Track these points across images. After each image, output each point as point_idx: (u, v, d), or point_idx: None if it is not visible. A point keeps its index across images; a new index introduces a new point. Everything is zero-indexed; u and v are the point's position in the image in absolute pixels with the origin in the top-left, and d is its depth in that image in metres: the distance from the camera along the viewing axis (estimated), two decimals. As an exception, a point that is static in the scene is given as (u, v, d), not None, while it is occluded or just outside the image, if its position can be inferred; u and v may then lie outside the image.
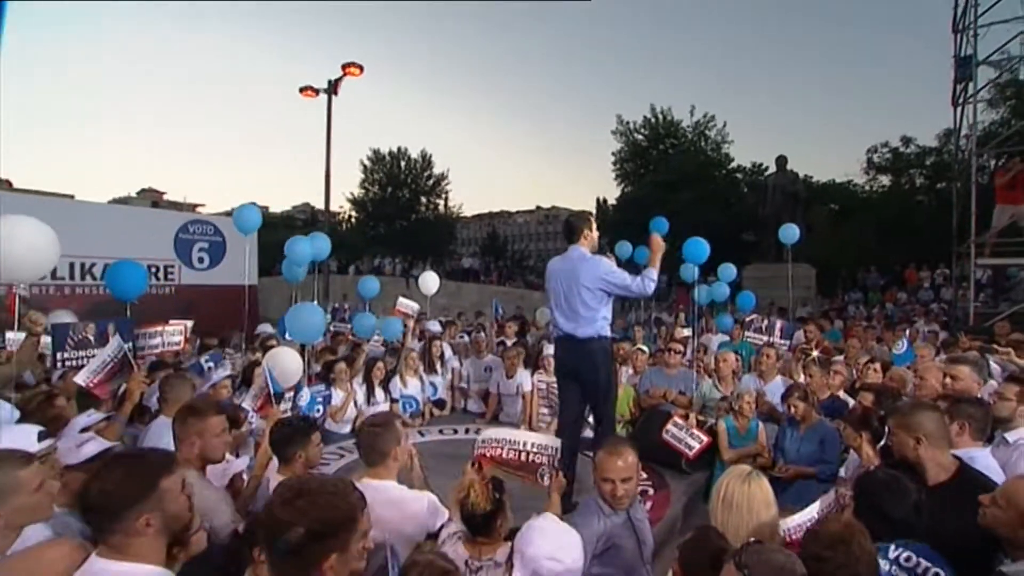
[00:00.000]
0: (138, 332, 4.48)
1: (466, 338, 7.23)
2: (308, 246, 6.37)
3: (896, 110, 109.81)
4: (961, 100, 13.21)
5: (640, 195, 26.02)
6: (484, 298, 17.66)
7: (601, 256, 4.10)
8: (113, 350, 3.69)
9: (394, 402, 6.19)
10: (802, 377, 5.14)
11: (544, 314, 10.71)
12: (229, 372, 4.73)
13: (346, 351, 6.79)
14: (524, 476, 2.95)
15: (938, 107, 54.58)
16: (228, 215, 10.74)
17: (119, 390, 3.75)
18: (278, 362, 4.01)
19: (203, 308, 9.29)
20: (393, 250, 30.56)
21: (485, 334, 7.43)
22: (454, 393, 6.84)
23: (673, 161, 27.14)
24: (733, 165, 28.87)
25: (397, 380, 6.26)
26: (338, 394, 5.62)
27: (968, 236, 11.43)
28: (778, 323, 6.22)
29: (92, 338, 3.82)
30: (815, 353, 5.27)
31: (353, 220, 34.08)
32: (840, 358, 5.97)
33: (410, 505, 2.51)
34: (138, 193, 55.06)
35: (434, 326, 8.41)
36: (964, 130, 13.97)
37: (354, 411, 5.74)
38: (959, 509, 2.10)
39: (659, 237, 4.08)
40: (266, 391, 3.88)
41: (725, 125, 28.80)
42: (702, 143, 28.95)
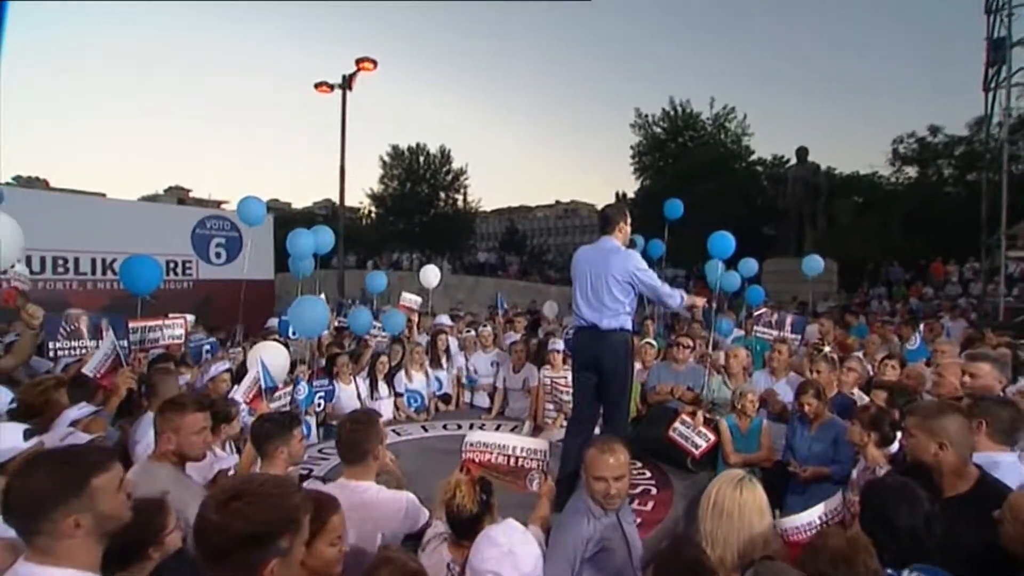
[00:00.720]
0: (137, 326, 4.48)
1: (473, 333, 7.14)
2: (310, 239, 6.33)
3: (924, 98, 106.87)
4: (993, 85, 12.83)
5: (659, 188, 25.66)
6: (502, 292, 17.53)
7: (633, 251, 4.05)
8: (108, 346, 3.68)
9: (399, 396, 6.18)
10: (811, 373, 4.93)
11: (552, 308, 10.57)
12: (228, 366, 4.70)
13: (352, 346, 6.75)
14: (512, 482, 2.84)
15: (968, 94, 52.71)
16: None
17: None
18: (264, 357, 3.95)
19: (219, 302, 9.43)
20: (412, 245, 30.63)
21: (492, 328, 7.34)
22: (459, 388, 6.76)
23: (692, 154, 26.73)
24: (753, 158, 28.47)
25: (402, 374, 6.23)
26: (341, 387, 5.58)
27: (998, 228, 11.02)
28: (788, 317, 5.99)
29: (85, 330, 3.81)
30: (827, 349, 5.05)
31: (372, 216, 34.19)
32: (859, 354, 5.74)
33: (389, 506, 2.44)
34: (166, 191, 55.90)
35: (445, 320, 8.35)
36: (996, 117, 13.54)
37: (357, 405, 5.66)
38: (977, 524, 1.92)
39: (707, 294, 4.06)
40: (258, 384, 3.84)
41: (745, 117, 28.50)
42: (722, 136, 28.61)
